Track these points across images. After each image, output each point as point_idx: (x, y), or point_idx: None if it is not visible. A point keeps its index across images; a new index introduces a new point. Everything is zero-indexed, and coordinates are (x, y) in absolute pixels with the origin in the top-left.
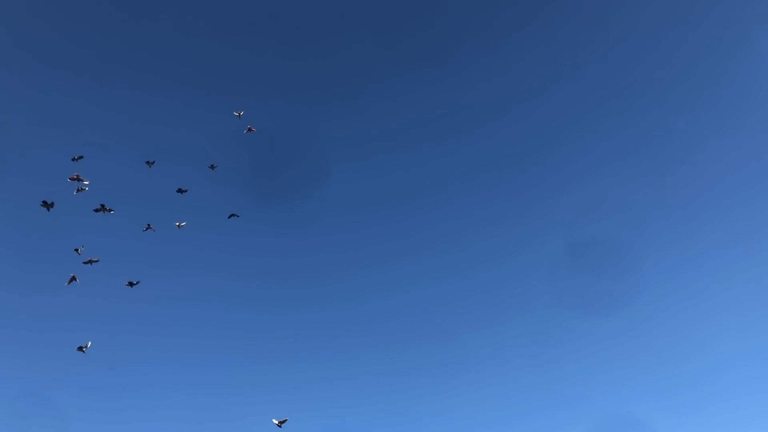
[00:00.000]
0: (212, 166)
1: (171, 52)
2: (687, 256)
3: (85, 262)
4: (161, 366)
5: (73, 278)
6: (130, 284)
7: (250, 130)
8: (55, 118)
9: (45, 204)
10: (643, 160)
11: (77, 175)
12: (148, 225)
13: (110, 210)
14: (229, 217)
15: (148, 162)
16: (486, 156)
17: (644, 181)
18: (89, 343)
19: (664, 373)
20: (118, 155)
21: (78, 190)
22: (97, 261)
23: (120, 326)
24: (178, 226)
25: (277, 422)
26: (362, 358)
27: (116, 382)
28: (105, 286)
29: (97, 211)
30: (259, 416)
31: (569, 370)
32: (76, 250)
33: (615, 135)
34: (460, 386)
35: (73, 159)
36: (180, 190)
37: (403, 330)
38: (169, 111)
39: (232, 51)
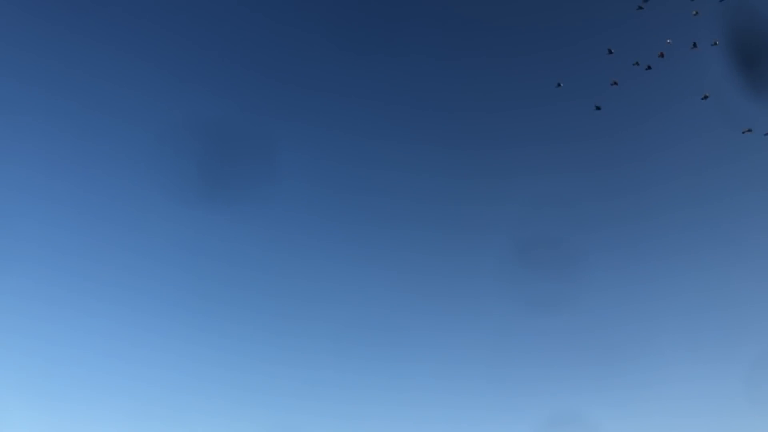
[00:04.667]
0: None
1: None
2: (631, 253)
3: None
4: None
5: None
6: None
7: None
8: None
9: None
10: (587, 159)
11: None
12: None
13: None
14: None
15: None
16: (435, 152)
17: (589, 179)
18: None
19: (608, 369)
20: None
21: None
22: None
23: None
24: None
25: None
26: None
27: None
28: None
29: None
30: None
31: (517, 368)
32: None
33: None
34: (407, 386)
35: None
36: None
37: (351, 330)
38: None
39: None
